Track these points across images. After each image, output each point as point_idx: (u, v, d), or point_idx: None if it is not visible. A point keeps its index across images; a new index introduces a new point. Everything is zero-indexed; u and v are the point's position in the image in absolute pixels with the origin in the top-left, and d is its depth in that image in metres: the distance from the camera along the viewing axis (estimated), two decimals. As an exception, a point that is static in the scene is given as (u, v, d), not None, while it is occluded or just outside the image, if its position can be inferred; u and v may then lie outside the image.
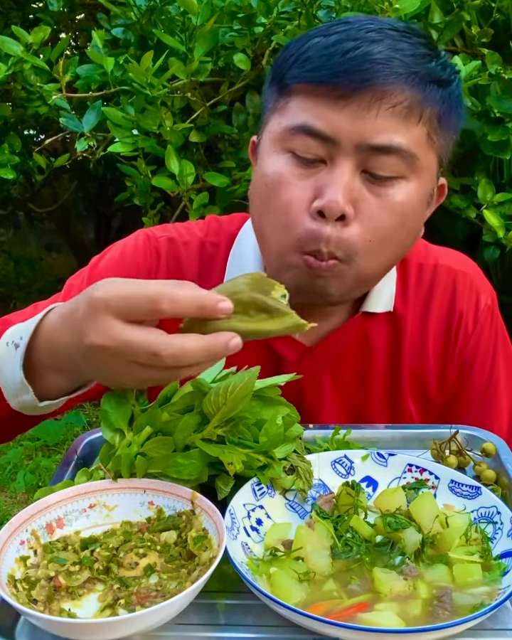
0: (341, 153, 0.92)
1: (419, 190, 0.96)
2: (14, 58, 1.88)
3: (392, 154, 0.92)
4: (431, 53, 0.94)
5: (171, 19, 1.93)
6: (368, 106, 0.90)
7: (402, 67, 0.90)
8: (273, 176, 0.96)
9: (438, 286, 1.15)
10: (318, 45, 0.92)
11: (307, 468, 0.90)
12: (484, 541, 0.80)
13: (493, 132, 1.83)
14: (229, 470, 0.83)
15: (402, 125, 0.91)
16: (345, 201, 0.92)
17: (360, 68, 0.89)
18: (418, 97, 0.91)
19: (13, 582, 0.73)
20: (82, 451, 1.00)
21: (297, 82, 0.93)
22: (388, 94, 0.90)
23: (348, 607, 0.71)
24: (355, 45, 0.90)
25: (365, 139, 0.91)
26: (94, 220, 4.93)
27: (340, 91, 0.90)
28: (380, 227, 0.95)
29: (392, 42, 0.91)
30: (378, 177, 0.93)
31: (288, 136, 0.95)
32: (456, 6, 1.82)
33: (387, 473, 0.92)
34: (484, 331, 1.17)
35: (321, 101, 0.91)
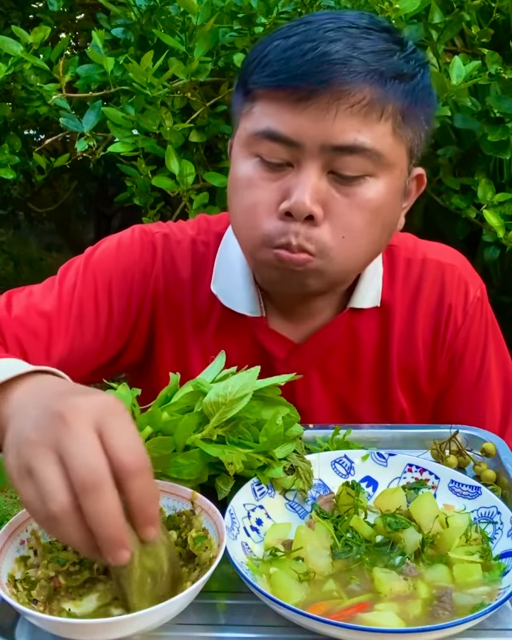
0: (306, 156, 0.92)
1: (390, 185, 0.97)
2: (14, 58, 1.88)
3: (357, 154, 0.92)
4: (393, 48, 0.94)
5: (171, 19, 1.93)
6: (327, 107, 0.90)
7: (361, 65, 0.90)
8: (242, 179, 0.97)
9: (426, 280, 1.15)
10: (278, 49, 0.92)
11: (307, 468, 0.90)
12: (484, 541, 0.80)
13: (493, 132, 1.83)
14: (229, 470, 0.83)
15: (363, 124, 0.91)
16: (312, 202, 0.92)
17: (317, 70, 0.89)
18: (378, 94, 0.91)
19: (13, 582, 0.73)
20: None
21: (258, 87, 0.94)
22: (346, 94, 0.90)
23: (348, 607, 0.71)
24: (313, 46, 0.90)
25: (328, 140, 0.91)
26: (94, 220, 4.93)
27: (299, 94, 0.90)
28: (351, 225, 0.95)
29: (350, 40, 0.91)
30: (345, 177, 0.93)
31: (254, 142, 0.95)
32: (456, 6, 1.82)
33: (387, 473, 0.92)
34: (474, 323, 1.17)
35: (282, 105, 0.92)
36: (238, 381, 0.86)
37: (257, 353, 1.13)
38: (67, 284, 1.13)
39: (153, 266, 1.15)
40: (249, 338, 1.14)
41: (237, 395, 0.84)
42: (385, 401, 1.18)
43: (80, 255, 1.18)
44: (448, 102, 1.73)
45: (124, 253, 1.15)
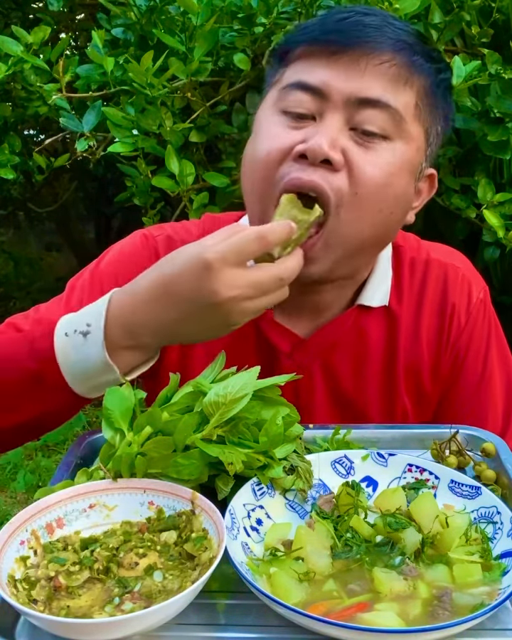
0: (331, 108, 0.96)
1: (405, 154, 0.99)
2: (14, 58, 1.88)
3: (380, 109, 0.96)
4: (423, 39, 1.01)
5: (171, 19, 1.93)
6: (357, 60, 0.95)
7: (393, 34, 0.97)
8: (263, 131, 1.00)
9: (430, 280, 1.16)
10: (316, 20, 1.01)
11: (307, 468, 0.90)
12: (484, 541, 0.80)
13: (493, 132, 1.83)
14: (229, 470, 0.83)
15: (389, 84, 0.96)
16: (331, 148, 0.94)
17: (352, 28, 0.97)
18: (405, 62, 0.97)
19: (13, 582, 0.73)
20: (82, 451, 1.01)
21: (293, 46, 0.99)
22: (378, 52, 0.96)
23: (348, 607, 0.71)
24: (349, 15, 0.98)
25: (355, 92, 0.95)
26: (94, 220, 4.93)
27: (332, 47, 0.96)
28: (366, 179, 0.96)
29: (385, 18, 0.99)
30: (366, 132, 0.96)
31: (282, 96, 0.99)
32: (456, 6, 1.82)
33: (387, 473, 0.92)
34: (477, 324, 1.17)
35: (314, 59, 0.97)
36: (238, 381, 0.86)
37: (262, 345, 1.13)
38: (76, 296, 1.15)
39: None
40: (254, 331, 1.14)
41: (237, 395, 0.84)
42: (389, 401, 1.17)
43: (86, 268, 1.19)
44: (448, 102, 1.73)
45: (127, 259, 1.16)
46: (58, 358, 0.92)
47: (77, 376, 0.93)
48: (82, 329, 0.91)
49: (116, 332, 0.90)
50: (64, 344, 0.92)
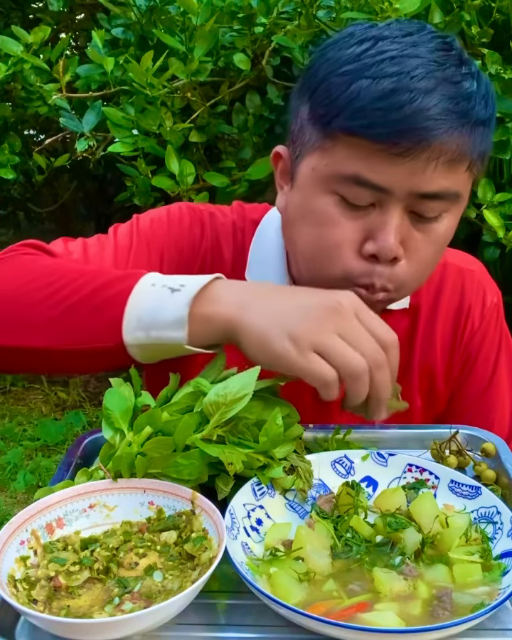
0: (393, 200, 0.93)
1: (458, 215, 1.00)
2: (14, 58, 1.88)
3: (441, 199, 0.94)
4: (474, 89, 0.92)
5: (171, 19, 1.93)
6: (426, 163, 0.90)
7: (456, 119, 0.89)
8: (321, 215, 0.97)
9: (447, 284, 1.18)
10: (369, 94, 0.89)
11: (307, 468, 0.90)
12: (484, 541, 0.80)
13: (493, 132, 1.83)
14: (229, 470, 0.83)
15: (452, 173, 0.92)
16: (397, 245, 0.94)
17: (418, 126, 0.88)
18: (468, 146, 0.91)
19: (13, 582, 0.73)
20: (82, 451, 1.00)
21: (349, 132, 0.91)
22: (445, 151, 0.90)
23: (348, 607, 0.71)
24: (410, 97, 0.87)
25: (417, 188, 0.92)
26: (94, 220, 4.92)
27: (397, 149, 0.89)
28: (426, 259, 0.99)
29: (443, 89, 0.89)
30: (426, 217, 0.95)
31: (336, 181, 0.94)
32: (456, 6, 1.82)
33: (387, 473, 0.92)
34: (490, 328, 1.19)
35: (375, 155, 0.90)
36: (238, 381, 0.86)
37: None
38: (122, 244, 1.13)
39: (202, 242, 1.15)
40: None
41: (237, 395, 0.84)
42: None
43: (128, 222, 1.18)
44: (448, 102, 1.73)
45: (174, 225, 1.15)
46: (131, 298, 0.88)
47: (143, 320, 0.88)
48: (172, 285, 0.88)
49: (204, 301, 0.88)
50: (144, 290, 0.89)
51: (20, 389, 3.86)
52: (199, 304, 0.87)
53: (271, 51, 1.97)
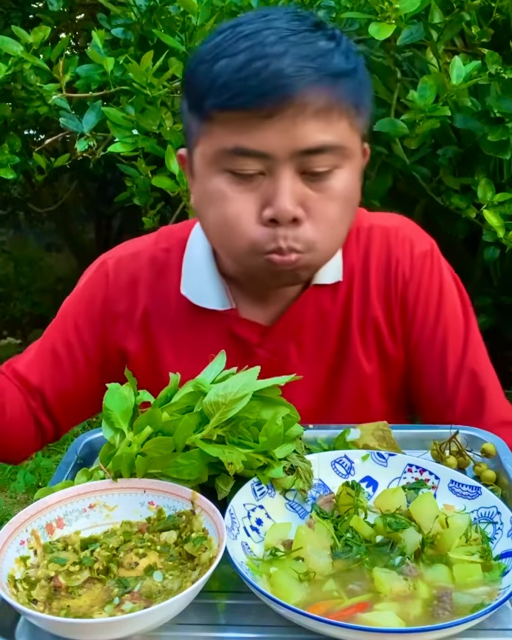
0: (278, 164, 0.97)
1: (353, 171, 1.03)
2: (14, 58, 1.88)
3: (324, 152, 0.97)
4: (331, 46, 0.98)
5: (171, 19, 1.92)
6: (294, 118, 0.94)
7: (313, 73, 0.94)
8: (217, 194, 1.01)
9: (374, 244, 1.20)
10: (229, 69, 0.95)
11: (307, 468, 0.90)
12: (484, 541, 0.80)
13: (493, 132, 1.83)
14: (229, 470, 0.83)
15: (326, 124, 0.96)
16: (294, 206, 0.98)
17: (277, 86, 0.93)
18: (335, 96, 0.96)
19: (13, 582, 0.73)
20: (82, 451, 1.01)
21: (219, 109, 0.96)
22: (308, 104, 0.94)
23: (348, 607, 0.71)
24: (265, 63, 0.93)
25: (296, 147, 0.96)
26: (94, 220, 4.92)
27: (263, 112, 0.94)
28: (330, 217, 1.01)
29: (296, 50, 0.94)
30: (317, 174, 0.99)
31: (222, 158, 0.99)
32: (456, 6, 1.82)
33: (387, 473, 0.92)
34: (423, 275, 1.19)
35: (246, 123, 0.95)
36: (238, 381, 0.86)
37: (232, 342, 1.16)
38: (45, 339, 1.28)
39: (106, 292, 1.23)
40: (223, 331, 1.18)
41: (237, 395, 0.84)
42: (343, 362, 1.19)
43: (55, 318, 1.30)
44: (448, 102, 1.73)
45: (86, 291, 1.25)
46: None
47: None
48: None
49: None
50: None
51: (20, 389, 3.85)
52: None
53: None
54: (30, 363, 1.26)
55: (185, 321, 1.20)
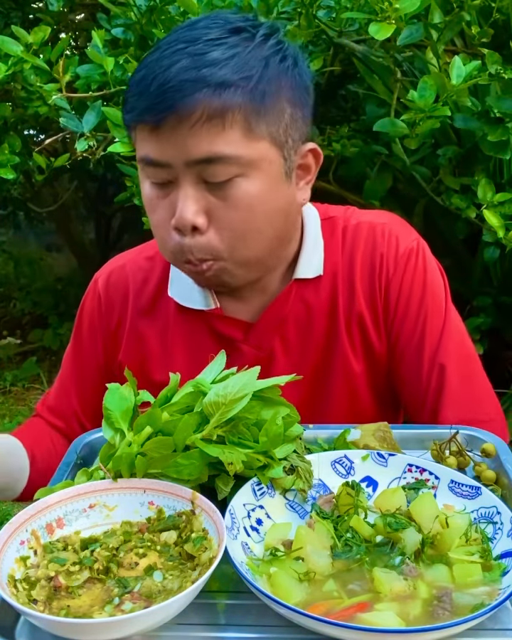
0: (179, 173, 1.00)
1: (262, 178, 1.03)
2: (14, 58, 1.88)
3: (216, 162, 0.99)
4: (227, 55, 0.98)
5: (171, 19, 1.92)
6: (174, 130, 0.98)
7: (192, 85, 0.96)
8: (146, 200, 1.08)
9: (360, 241, 1.20)
10: (133, 83, 1.02)
11: (307, 468, 0.90)
12: (484, 541, 0.80)
13: (493, 132, 1.82)
14: (229, 470, 0.83)
15: (212, 135, 0.98)
16: (194, 214, 1.01)
17: (159, 99, 0.97)
18: (216, 106, 0.97)
19: (13, 582, 0.74)
20: (82, 451, 1.01)
21: (128, 122, 1.05)
22: (186, 115, 0.96)
23: (348, 607, 0.71)
24: (153, 77, 0.98)
25: (187, 157, 0.99)
26: (94, 220, 4.92)
27: (152, 124, 0.99)
28: (233, 225, 1.03)
29: (187, 62, 0.97)
30: (216, 183, 1.00)
31: (142, 167, 1.06)
32: (456, 6, 1.81)
33: (387, 473, 0.92)
34: (407, 271, 1.19)
35: (148, 134, 1.00)
36: (238, 381, 0.86)
37: (218, 340, 1.19)
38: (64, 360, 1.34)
39: (100, 311, 1.28)
40: (208, 329, 1.20)
41: (237, 395, 0.84)
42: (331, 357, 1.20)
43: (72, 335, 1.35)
44: (448, 102, 1.72)
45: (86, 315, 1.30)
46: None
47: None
48: None
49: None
50: None
51: (20, 389, 3.86)
52: None
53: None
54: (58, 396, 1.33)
55: (174, 322, 1.22)
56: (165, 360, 1.21)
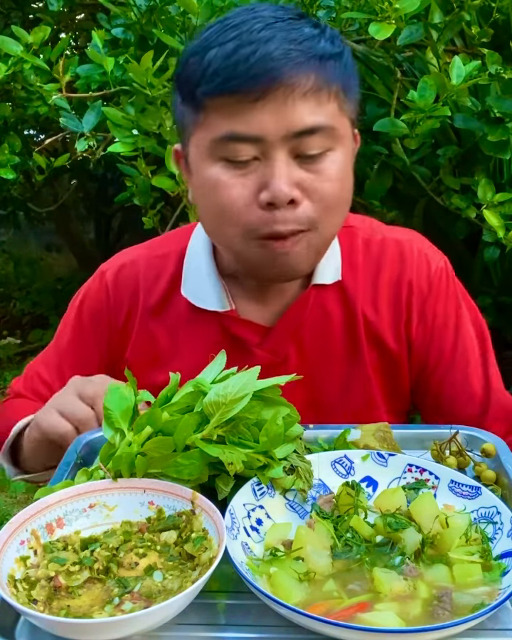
0: (272, 147, 0.98)
1: (345, 153, 1.05)
2: (14, 58, 1.88)
3: (316, 133, 0.99)
4: (316, 32, 1.01)
5: (171, 19, 1.92)
6: (284, 100, 0.96)
7: (300, 55, 0.97)
8: (211, 183, 1.02)
9: (386, 256, 1.20)
10: (218, 57, 0.97)
11: (307, 468, 0.90)
12: (484, 541, 0.80)
13: (493, 132, 1.83)
14: (229, 470, 0.83)
15: (316, 106, 0.99)
16: (290, 187, 0.99)
17: (266, 69, 0.95)
18: (322, 77, 0.98)
19: (13, 582, 0.73)
20: (82, 451, 1.01)
21: (211, 96, 0.99)
22: (297, 84, 0.96)
23: (348, 607, 0.71)
24: (253, 49, 0.96)
25: (288, 129, 0.97)
26: (94, 220, 4.92)
27: (255, 94, 0.96)
28: (327, 197, 1.03)
29: (283, 34, 0.97)
30: (310, 156, 1.00)
31: (216, 147, 1.01)
32: (456, 6, 1.81)
33: (387, 474, 0.92)
34: (441, 290, 1.20)
35: (238, 107, 0.97)
36: (238, 381, 0.86)
37: (231, 342, 1.17)
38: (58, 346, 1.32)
39: (108, 305, 1.25)
40: (222, 331, 1.19)
41: (237, 395, 0.84)
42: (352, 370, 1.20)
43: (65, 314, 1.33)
44: (448, 102, 1.73)
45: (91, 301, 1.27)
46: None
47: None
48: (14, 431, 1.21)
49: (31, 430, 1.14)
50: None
51: (20, 389, 3.85)
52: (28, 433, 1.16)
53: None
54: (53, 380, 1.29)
55: (185, 321, 1.20)
56: (174, 361, 1.20)
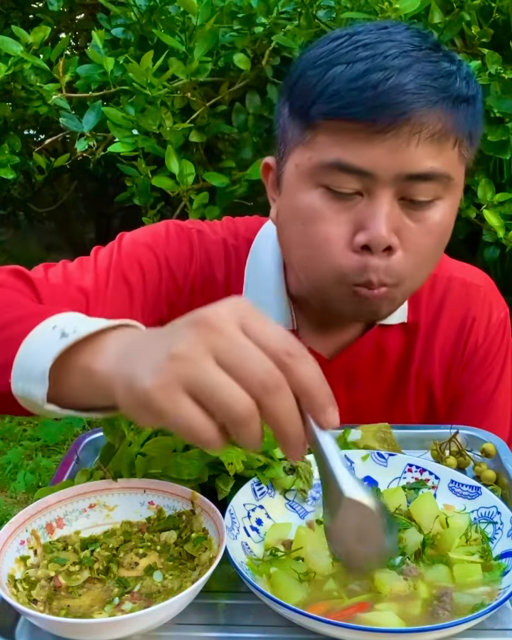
0: (379, 185, 0.90)
1: (453, 204, 0.97)
2: (14, 58, 1.88)
3: (431, 180, 0.91)
4: (453, 69, 0.91)
5: (171, 19, 1.93)
6: (408, 139, 0.87)
7: (435, 93, 0.87)
8: (307, 210, 0.94)
9: (451, 296, 1.16)
10: (344, 77, 0.88)
11: (307, 468, 0.90)
12: (484, 541, 0.80)
13: (493, 132, 1.83)
14: (229, 470, 0.83)
15: (438, 151, 0.90)
16: (389, 233, 0.91)
17: (395, 101, 0.86)
18: (452, 121, 0.90)
19: (13, 582, 0.73)
20: (82, 451, 1.00)
21: (326, 117, 0.89)
22: (426, 125, 0.88)
23: (348, 607, 0.71)
24: (385, 75, 0.86)
25: (403, 169, 0.89)
26: (94, 220, 4.92)
27: (376, 127, 0.87)
28: (423, 250, 0.95)
29: (419, 66, 0.88)
30: (418, 202, 0.92)
31: (320, 172, 0.92)
32: (456, 6, 1.82)
33: (387, 474, 0.92)
34: (494, 342, 1.17)
35: (355, 136, 0.88)
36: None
37: None
38: (102, 265, 1.09)
39: (191, 263, 1.13)
40: None
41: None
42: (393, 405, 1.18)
43: (110, 242, 1.15)
44: (448, 102, 1.73)
45: (160, 243, 1.12)
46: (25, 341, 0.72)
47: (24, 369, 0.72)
48: (66, 330, 0.70)
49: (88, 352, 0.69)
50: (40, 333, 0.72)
51: (20, 389, 3.85)
52: (82, 354, 0.69)
53: (271, 51, 1.96)
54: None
55: None
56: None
